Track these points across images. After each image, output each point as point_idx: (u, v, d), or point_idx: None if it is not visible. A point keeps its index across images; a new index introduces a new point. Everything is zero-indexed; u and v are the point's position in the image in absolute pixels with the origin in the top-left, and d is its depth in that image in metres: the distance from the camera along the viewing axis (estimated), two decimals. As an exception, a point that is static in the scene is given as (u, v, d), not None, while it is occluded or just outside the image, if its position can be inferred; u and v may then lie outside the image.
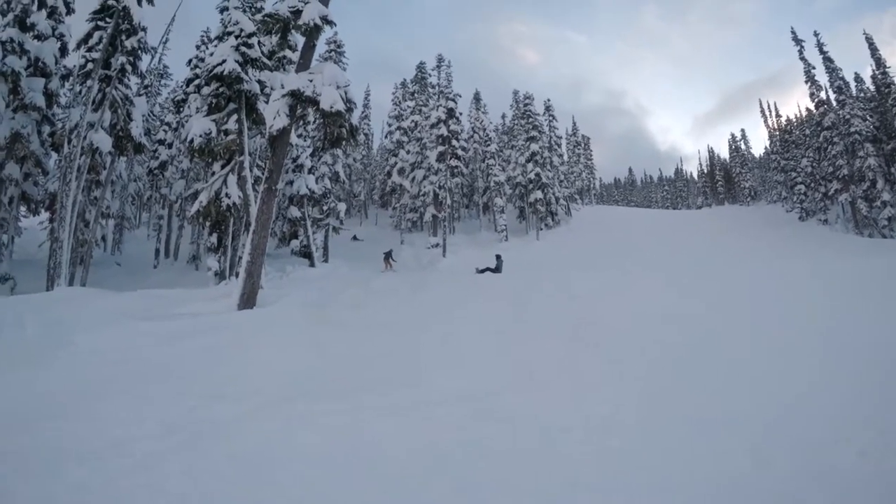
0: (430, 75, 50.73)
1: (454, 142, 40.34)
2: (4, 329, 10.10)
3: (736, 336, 10.24)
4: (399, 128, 50.10)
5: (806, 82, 46.04)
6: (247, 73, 20.58)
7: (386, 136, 58.37)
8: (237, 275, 16.18)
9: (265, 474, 4.91)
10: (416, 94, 54.78)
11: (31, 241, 27.84)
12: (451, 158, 40.03)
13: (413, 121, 48.64)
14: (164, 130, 35.91)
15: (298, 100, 15.16)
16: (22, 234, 27.44)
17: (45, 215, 25.91)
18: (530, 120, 47.45)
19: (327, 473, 4.97)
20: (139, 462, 4.97)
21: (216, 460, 5.11)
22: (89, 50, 21.63)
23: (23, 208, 25.30)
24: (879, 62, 43.76)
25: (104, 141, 20.92)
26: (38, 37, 22.44)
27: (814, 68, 45.75)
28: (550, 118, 56.92)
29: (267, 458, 5.23)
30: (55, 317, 10.88)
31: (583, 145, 78.49)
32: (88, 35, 21.56)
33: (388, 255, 29.34)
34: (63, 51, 23.27)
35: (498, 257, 27.68)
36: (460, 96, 42.27)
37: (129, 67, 22.12)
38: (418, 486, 4.78)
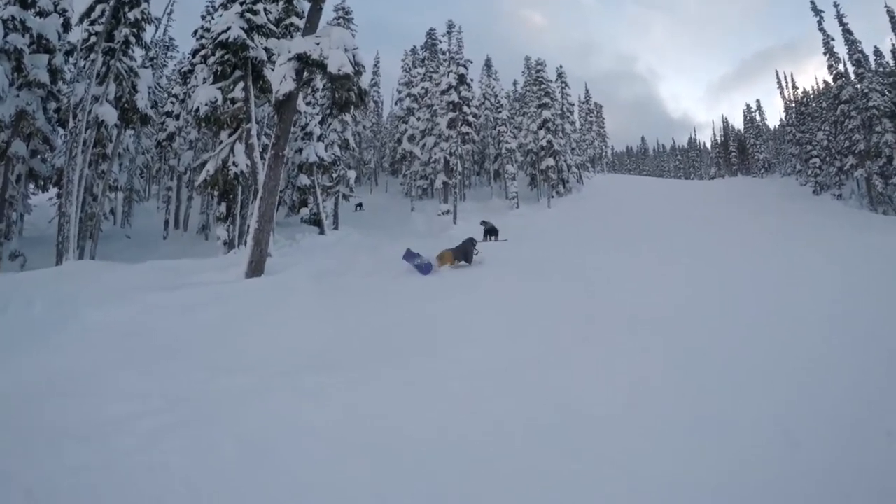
0: (440, 41, 50.29)
1: (465, 108, 39.97)
2: (11, 306, 10.02)
3: (758, 311, 9.96)
4: (409, 94, 49.69)
5: (824, 54, 44.93)
6: (252, 40, 20.27)
7: (396, 104, 57.88)
8: (246, 243, 15.97)
9: (270, 453, 4.76)
10: (426, 61, 54.04)
11: (41, 217, 27.92)
12: (461, 125, 39.68)
13: (423, 87, 48.17)
14: (172, 102, 35.73)
15: (305, 63, 14.80)
16: (32, 212, 27.48)
17: (54, 191, 25.85)
18: (542, 86, 46.79)
19: (335, 451, 4.83)
20: (142, 440, 4.87)
21: (220, 437, 4.99)
22: (92, 23, 21.52)
23: (31, 185, 25.21)
24: None
25: (109, 114, 20.79)
26: (40, 13, 22.13)
27: (832, 40, 44.58)
28: (563, 85, 56.21)
29: (272, 435, 5.09)
30: (63, 292, 10.81)
31: (595, 113, 77.63)
32: (91, 8, 21.49)
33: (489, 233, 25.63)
34: (66, 26, 22.91)
35: (484, 223, 26.73)
36: (471, 62, 41.80)
37: (132, 39, 21.99)
38: (429, 464, 4.62)
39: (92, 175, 22.89)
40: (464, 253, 15.98)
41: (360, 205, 41.74)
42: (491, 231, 25.86)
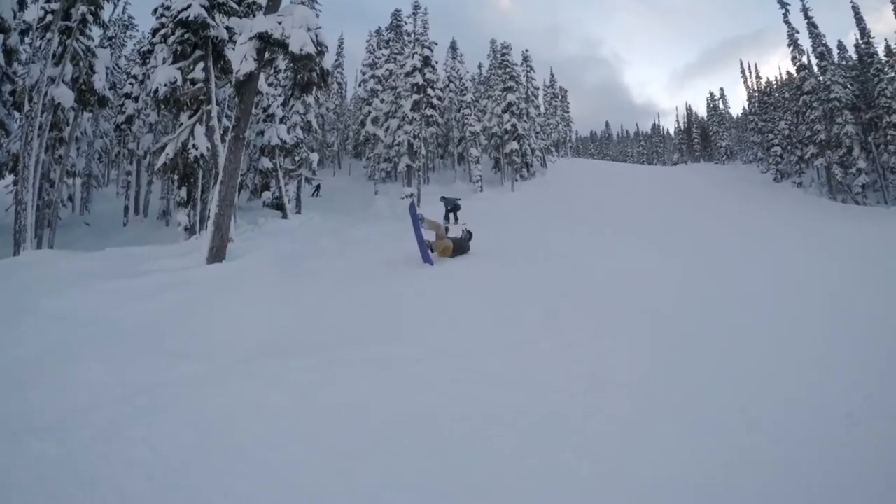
0: (405, 23, 50.14)
1: (429, 91, 39.73)
2: (-34, 299, 9.69)
3: (720, 293, 10.29)
4: (373, 76, 49.29)
5: (789, 46, 46.06)
6: (213, 19, 19.88)
7: (359, 85, 57.30)
8: (207, 228, 15.74)
9: (229, 438, 4.76)
10: (391, 42, 53.64)
11: (-3, 206, 27.22)
12: (426, 107, 39.45)
13: (388, 69, 47.81)
14: (131, 83, 34.81)
15: (267, 43, 14.55)
16: (-13, 200, 26.73)
17: (10, 178, 25.17)
18: (507, 70, 46.86)
19: (296, 436, 4.84)
20: (101, 431, 4.79)
21: (180, 426, 4.94)
22: (48, 1, 20.78)
23: (-14, 172, 24.53)
24: (864, 32, 43.73)
25: (66, 95, 20.19)
26: (-5, -9, 21.46)
27: (797, 32, 45.74)
28: (528, 69, 56.38)
29: (232, 420, 5.09)
30: (20, 282, 10.57)
31: (560, 97, 78.11)
32: (48, -15, 20.74)
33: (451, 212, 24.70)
34: (22, 4, 22.04)
35: (444, 199, 25.31)
36: (436, 44, 41.50)
37: (90, 17, 21.27)
38: (395, 448, 4.65)
39: (49, 160, 22.28)
40: (461, 249, 15.04)
41: (317, 188, 40.65)
42: (454, 209, 24.71)
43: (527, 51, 57.82)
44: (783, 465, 4.27)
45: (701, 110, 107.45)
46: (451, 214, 24.54)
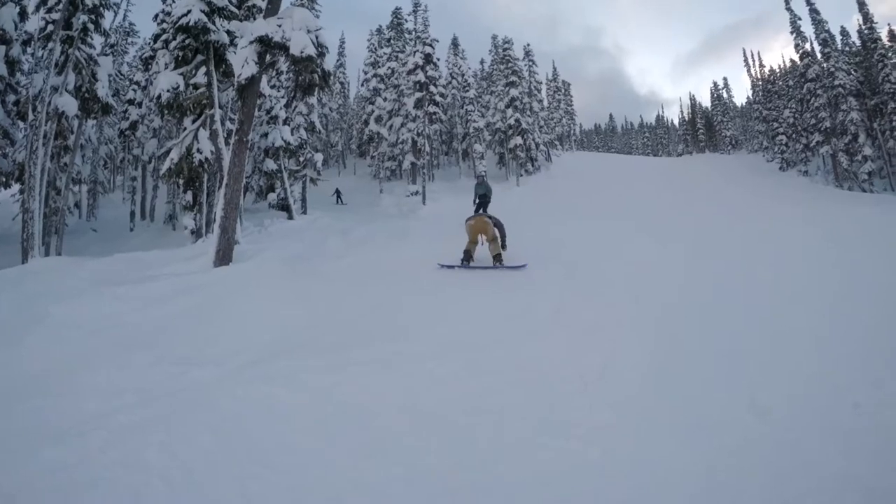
0: (406, 21, 50.16)
1: (432, 88, 39.79)
2: (-24, 310, 9.73)
3: (725, 284, 10.21)
4: (375, 75, 49.34)
5: (791, 33, 46.33)
6: (214, 23, 19.96)
7: (362, 85, 57.32)
8: (213, 231, 15.77)
9: (246, 440, 4.78)
10: (392, 41, 53.78)
11: (4, 215, 27.36)
12: (428, 105, 39.52)
13: (390, 67, 47.86)
14: (134, 90, 34.97)
15: (267, 46, 14.55)
16: (-6, 210, 26.97)
17: (16, 187, 25.32)
18: (510, 65, 46.94)
19: (311, 436, 4.85)
20: (117, 436, 4.81)
21: (195, 429, 4.95)
22: (49, 11, 20.94)
23: (-8, 182, 24.68)
24: (866, 17, 43.87)
25: (69, 104, 20.28)
26: (-5, 3, 21.58)
27: (800, 19, 46.11)
28: (530, 63, 56.43)
29: (247, 422, 5.11)
30: (30, 290, 10.59)
31: (563, 91, 78.14)
32: (47, -6, 20.86)
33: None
34: (23, 15, 22.33)
35: (480, 180, 20.10)
36: (437, 41, 41.53)
37: (91, 26, 21.40)
38: (408, 445, 4.65)
39: (54, 168, 22.39)
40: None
41: (338, 194, 38.98)
42: (484, 202, 18.25)
43: (528, 45, 58.01)
44: (791, 454, 4.26)
45: (705, 100, 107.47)
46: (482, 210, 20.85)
